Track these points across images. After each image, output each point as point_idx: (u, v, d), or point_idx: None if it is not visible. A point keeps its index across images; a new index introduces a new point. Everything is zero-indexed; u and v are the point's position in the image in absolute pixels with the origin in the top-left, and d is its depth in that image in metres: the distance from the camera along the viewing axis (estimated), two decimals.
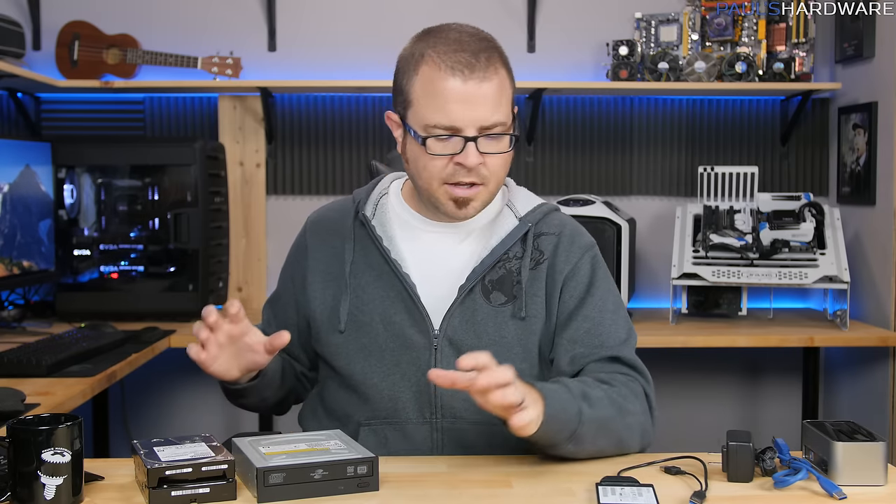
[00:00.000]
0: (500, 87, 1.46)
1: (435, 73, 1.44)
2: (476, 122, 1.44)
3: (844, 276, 2.89)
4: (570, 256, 1.57)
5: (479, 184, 1.48)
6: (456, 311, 1.52)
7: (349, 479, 1.25)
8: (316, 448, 1.30)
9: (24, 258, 2.75)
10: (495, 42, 1.51)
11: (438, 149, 1.46)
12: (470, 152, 1.44)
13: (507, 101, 1.49)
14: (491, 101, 1.45)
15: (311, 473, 1.23)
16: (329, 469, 1.24)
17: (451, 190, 1.48)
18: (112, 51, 3.19)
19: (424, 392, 1.51)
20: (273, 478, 1.21)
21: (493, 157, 1.47)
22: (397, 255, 1.55)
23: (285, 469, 1.22)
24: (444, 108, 1.44)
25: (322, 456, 1.27)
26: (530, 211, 1.59)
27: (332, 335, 1.55)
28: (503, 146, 1.48)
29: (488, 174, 1.48)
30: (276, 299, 1.69)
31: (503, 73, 1.48)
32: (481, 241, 1.56)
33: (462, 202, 1.49)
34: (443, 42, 1.47)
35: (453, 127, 1.44)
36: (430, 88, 1.45)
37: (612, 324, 1.54)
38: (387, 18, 3.30)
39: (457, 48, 1.45)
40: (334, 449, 1.30)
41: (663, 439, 3.29)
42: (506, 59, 1.51)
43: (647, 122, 3.40)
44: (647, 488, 1.24)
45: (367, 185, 1.67)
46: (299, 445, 1.32)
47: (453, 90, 1.43)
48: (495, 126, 1.46)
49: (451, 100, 1.43)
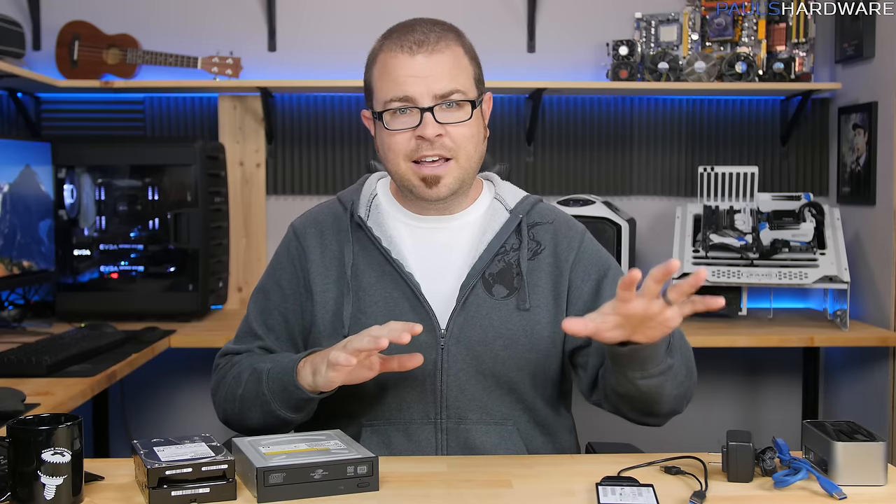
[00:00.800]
0: (453, 59, 1.49)
1: (388, 55, 1.49)
2: (430, 92, 1.46)
3: (844, 276, 2.89)
4: (571, 242, 1.59)
5: (447, 158, 1.48)
6: (460, 308, 1.52)
7: (349, 478, 1.25)
8: (316, 448, 1.30)
9: (24, 258, 2.75)
10: (454, 28, 1.54)
11: (397, 123, 1.48)
12: (427, 122, 1.46)
13: (465, 74, 1.50)
14: (445, 70, 1.47)
15: (311, 473, 1.23)
16: (329, 469, 1.24)
17: (419, 169, 1.49)
18: (112, 51, 3.19)
19: (430, 392, 1.51)
20: (273, 478, 1.21)
21: (456, 128, 1.48)
22: (398, 254, 1.54)
23: (285, 469, 1.22)
24: (397, 82, 1.47)
25: (322, 456, 1.27)
26: (518, 202, 1.61)
27: (337, 338, 1.52)
28: (464, 115, 1.48)
29: (454, 146, 1.48)
30: (266, 311, 1.61)
31: (458, 49, 1.51)
32: (477, 236, 1.57)
33: (431, 180, 1.49)
34: (397, 31, 1.52)
35: (406, 97, 1.46)
36: (384, 70, 1.49)
37: None
38: (387, 19, 3.26)
39: (408, 31, 1.49)
40: (334, 449, 1.30)
41: (663, 439, 3.29)
42: (465, 42, 1.53)
43: (647, 122, 3.40)
44: (647, 488, 1.24)
45: (352, 186, 1.66)
46: (299, 445, 1.32)
47: (403, 64, 1.47)
48: (452, 93, 1.47)
49: (403, 73, 1.47)
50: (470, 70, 1.52)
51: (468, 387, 1.51)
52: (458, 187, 1.52)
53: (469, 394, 1.51)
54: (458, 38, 1.52)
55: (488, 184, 1.67)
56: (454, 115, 1.48)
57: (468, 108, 1.49)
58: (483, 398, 1.51)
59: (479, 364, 1.51)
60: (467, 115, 1.49)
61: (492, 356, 1.51)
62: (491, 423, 1.51)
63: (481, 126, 1.54)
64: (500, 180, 1.67)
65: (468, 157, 1.51)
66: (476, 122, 1.51)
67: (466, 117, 1.49)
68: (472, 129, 1.50)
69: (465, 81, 1.49)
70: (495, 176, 1.69)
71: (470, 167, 1.52)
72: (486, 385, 1.52)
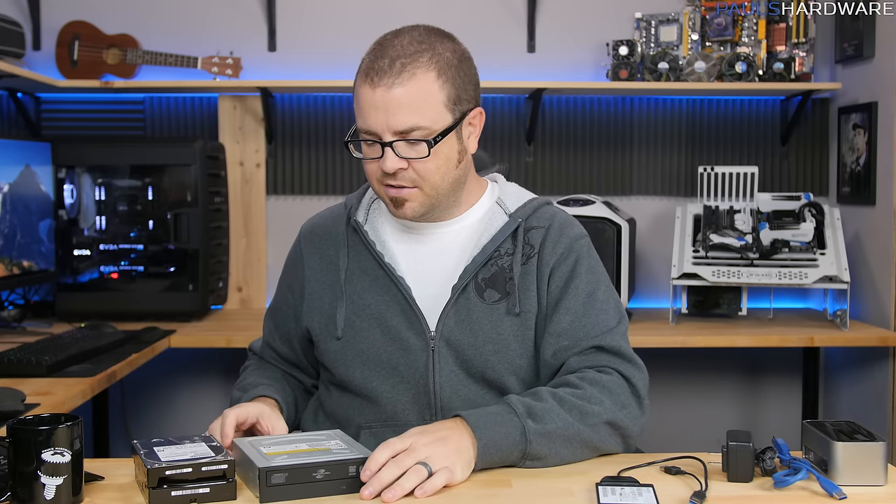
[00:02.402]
0: (418, 90, 1.43)
1: (359, 80, 1.48)
2: (389, 128, 1.44)
3: (844, 276, 2.89)
4: (556, 248, 1.56)
5: (411, 187, 1.48)
6: (451, 311, 1.52)
7: (351, 478, 1.25)
8: (317, 448, 1.30)
9: (24, 258, 2.75)
10: (434, 46, 1.46)
11: (367, 152, 1.48)
12: (388, 157, 1.45)
13: (432, 104, 1.44)
14: (405, 106, 1.43)
15: (313, 473, 1.23)
16: (331, 469, 1.24)
17: (387, 190, 1.49)
18: (112, 51, 3.19)
19: (423, 394, 1.52)
20: (276, 478, 1.21)
21: (418, 163, 1.45)
22: (391, 258, 1.55)
23: (287, 469, 1.22)
24: (362, 113, 1.47)
25: (323, 456, 1.27)
26: (521, 206, 1.59)
27: (331, 342, 1.56)
28: (424, 151, 1.45)
29: (418, 178, 1.47)
30: (276, 310, 1.69)
31: (427, 76, 1.43)
32: (472, 240, 1.56)
33: (398, 202, 1.49)
34: (374, 50, 1.48)
35: (370, 132, 1.46)
36: (356, 96, 1.49)
37: (598, 313, 1.53)
38: (387, 19, 3.29)
39: (379, 55, 1.45)
40: (335, 449, 1.30)
41: (663, 439, 3.29)
42: (441, 61, 1.45)
43: (647, 122, 3.40)
44: (647, 488, 1.24)
45: (358, 190, 1.67)
46: (300, 445, 1.32)
47: (365, 96, 1.45)
48: (412, 131, 1.43)
49: (365, 105, 1.45)
50: (439, 98, 1.45)
51: (461, 388, 1.51)
52: (426, 211, 1.51)
53: (462, 395, 1.51)
54: (431, 61, 1.44)
55: (492, 185, 1.64)
56: (415, 149, 1.45)
57: (425, 147, 1.44)
58: (476, 400, 1.51)
59: (469, 367, 1.51)
60: (425, 153, 1.45)
61: (482, 360, 1.51)
62: None
63: (453, 152, 1.49)
64: (506, 182, 1.65)
65: (434, 187, 1.48)
66: (443, 151, 1.47)
67: (424, 154, 1.45)
68: (438, 161, 1.47)
69: (430, 114, 1.44)
70: (500, 177, 1.67)
71: (438, 193, 1.50)
72: (478, 387, 1.52)
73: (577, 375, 1.47)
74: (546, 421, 1.37)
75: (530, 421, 1.36)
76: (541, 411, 1.37)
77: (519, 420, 1.35)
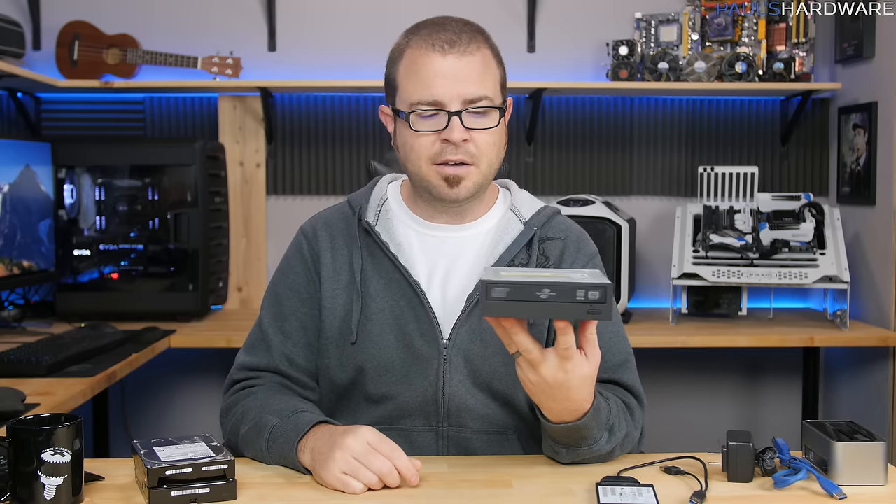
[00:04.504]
0: (483, 63, 1.46)
1: (417, 53, 1.46)
2: (459, 96, 1.43)
3: (844, 276, 2.89)
4: (574, 265, 1.56)
5: (469, 163, 1.46)
6: (465, 320, 1.50)
7: (579, 303, 1.15)
8: (559, 275, 1.22)
9: (24, 258, 2.75)
10: (482, 29, 1.51)
11: (424, 125, 1.45)
12: (455, 126, 1.43)
13: (493, 79, 1.47)
14: (475, 74, 1.44)
15: (536, 292, 1.15)
16: (557, 290, 1.15)
17: (442, 169, 1.47)
18: (112, 51, 3.19)
19: (432, 401, 1.50)
20: (496, 292, 1.16)
21: (481, 135, 1.45)
22: (406, 261, 1.52)
23: (510, 285, 1.16)
24: (426, 83, 1.44)
25: (554, 277, 1.18)
26: (534, 214, 1.57)
27: (344, 346, 1.52)
28: (490, 122, 1.46)
29: (477, 153, 1.46)
30: (282, 318, 1.57)
31: (487, 52, 1.48)
32: (488, 247, 1.54)
33: (453, 180, 1.47)
34: (426, 27, 1.48)
35: (436, 101, 1.44)
36: (413, 68, 1.46)
37: (612, 340, 1.52)
38: (387, 19, 3.30)
39: (439, 30, 1.46)
40: (575, 277, 1.21)
41: (663, 439, 3.29)
42: (492, 44, 1.50)
43: (647, 122, 3.40)
44: (647, 488, 1.24)
45: (362, 189, 1.63)
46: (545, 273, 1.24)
47: (434, 64, 1.44)
48: (480, 100, 1.45)
49: (433, 74, 1.44)
50: (497, 75, 1.49)
51: (468, 397, 1.50)
52: (476, 191, 1.50)
53: (470, 404, 1.50)
54: (487, 41, 1.49)
55: (504, 192, 1.63)
56: (481, 121, 1.46)
57: (495, 116, 1.46)
58: (483, 409, 1.50)
59: (477, 377, 1.50)
60: (494, 123, 1.46)
61: (490, 371, 1.50)
62: (492, 433, 1.51)
63: (504, 133, 1.51)
64: (518, 189, 1.64)
65: (489, 164, 1.49)
66: (501, 129, 1.49)
67: (493, 124, 1.46)
68: (496, 137, 1.48)
69: (492, 87, 1.47)
70: (513, 184, 1.65)
71: (490, 173, 1.50)
72: (486, 397, 1.51)
73: (606, 392, 1.47)
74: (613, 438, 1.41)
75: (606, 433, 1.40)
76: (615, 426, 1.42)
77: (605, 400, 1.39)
